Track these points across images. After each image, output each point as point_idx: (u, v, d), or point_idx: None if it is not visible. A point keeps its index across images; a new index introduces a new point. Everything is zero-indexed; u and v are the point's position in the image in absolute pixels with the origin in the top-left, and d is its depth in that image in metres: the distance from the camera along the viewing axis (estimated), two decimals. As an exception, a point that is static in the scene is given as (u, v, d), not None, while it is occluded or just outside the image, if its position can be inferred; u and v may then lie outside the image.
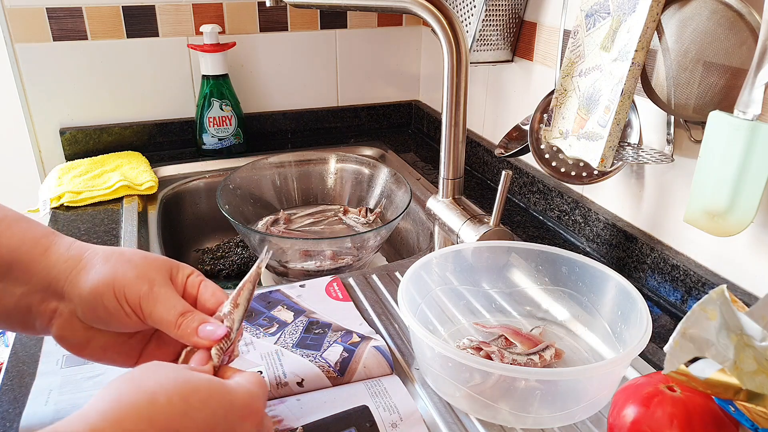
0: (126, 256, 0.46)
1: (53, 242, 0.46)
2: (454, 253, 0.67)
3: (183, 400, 0.37)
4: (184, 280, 0.48)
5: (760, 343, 0.39)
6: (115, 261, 0.45)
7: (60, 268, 0.45)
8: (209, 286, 0.48)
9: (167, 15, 1.13)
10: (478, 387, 0.52)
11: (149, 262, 0.46)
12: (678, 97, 0.62)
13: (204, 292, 0.48)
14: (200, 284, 0.48)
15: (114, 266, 0.45)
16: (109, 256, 0.46)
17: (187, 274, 0.48)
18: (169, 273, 0.47)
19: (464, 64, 0.73)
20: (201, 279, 0.48)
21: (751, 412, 0.40)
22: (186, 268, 0.49)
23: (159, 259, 0.47)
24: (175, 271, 0.48)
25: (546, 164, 0.79)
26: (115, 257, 0.46)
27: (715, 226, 0.59)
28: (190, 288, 0.48)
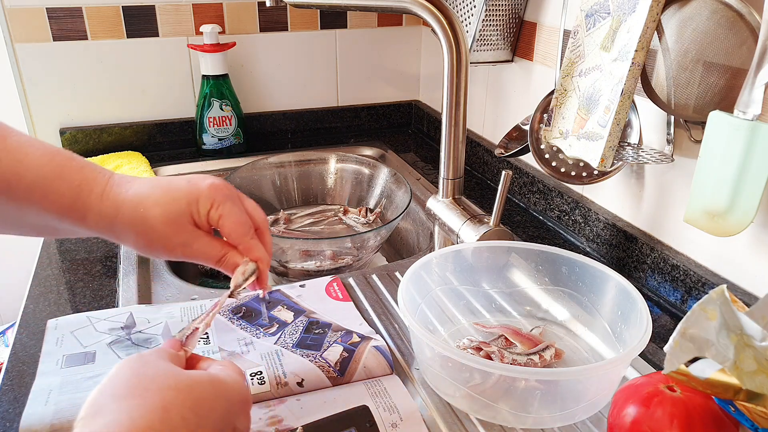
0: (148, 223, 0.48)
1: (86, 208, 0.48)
2: (454, 253, 0.67)
3: (195, 414, 0.38)
4: (206, 218, 0.50)
5: (760, 343, 0.39)
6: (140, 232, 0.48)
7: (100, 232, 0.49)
8: (227, 224, 0.50)
9: (167, 15, 1.13)
10: (478, 387, 0.52)
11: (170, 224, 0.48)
12: (678, 97, 0.62)
13: (223, 231, 0.51)
14: (219, 222, 0.50)
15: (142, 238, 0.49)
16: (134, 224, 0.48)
17: (206, 212, 0.50)
18: (191, 220, 0.49)
19: (464, 64, 0.73)
20: (219, 215, 0.50)
21: (751, 412, 0.40)
22: (204, 206, 0.50)
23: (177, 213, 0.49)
24: (196, 215, 0.50)
25: (546, 164, 0.79)
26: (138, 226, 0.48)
27: (715, 226, 0.59)
28: (213, 223, 0.50)
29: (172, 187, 0.50)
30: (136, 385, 0.38)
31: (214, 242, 0.51)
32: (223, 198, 0.50)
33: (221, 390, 0.40)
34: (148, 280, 0.77)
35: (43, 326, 0.65)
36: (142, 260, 0.80)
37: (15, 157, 0.46)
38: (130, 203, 0.48)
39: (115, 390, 0.38)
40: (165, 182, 0.50)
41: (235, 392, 0.42)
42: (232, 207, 0.50)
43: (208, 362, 0.45)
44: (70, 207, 0.47)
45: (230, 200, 0.50)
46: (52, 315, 0.67)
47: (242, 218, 0.51)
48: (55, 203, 0.47)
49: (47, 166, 0.47)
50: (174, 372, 0.40)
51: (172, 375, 0.40)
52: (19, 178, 0.46)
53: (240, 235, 0.51)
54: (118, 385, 0.38)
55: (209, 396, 0.39)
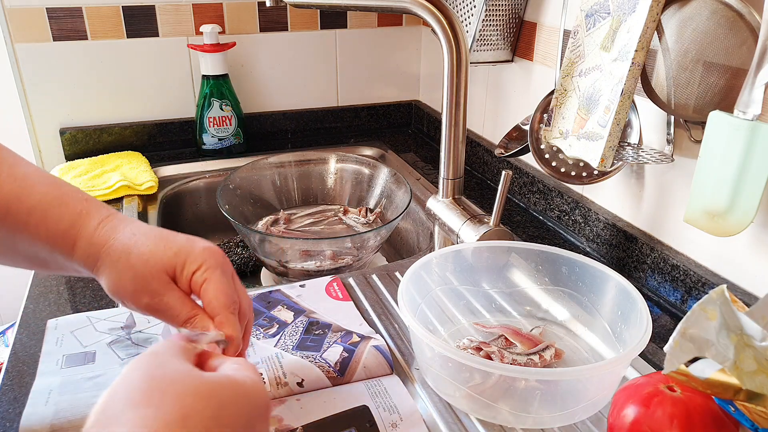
0: (130, 260, 0.46)
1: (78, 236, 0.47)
2: (454, 253, 0.67)
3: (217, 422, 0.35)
4: (189, 277, 0.47)
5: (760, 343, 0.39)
6: (120, 269, 0.47)
7: (85, 264, 0.48)
8: (207, 293, 0.47)
9: (167, 15, 1.13)
10: (478, 387, 0.52)
11: (149, 268, 0.46)
12: (678, 97, 0.62)
13: (204, 296, 0.47)
14: (202, 285, 0.47)
15: (117, 276, 0.47)
16: (116, 261, 0.47)
17: (191, 272, 0.47)
18: (173, 274, 0.47)
19: (464, 64, 0.73)
20: (203, 279, 0.47)
21: (751, 412, 0.40)
22: (192, 263, 0.47)
23: (161, 260, 0.47)
24: (179, 270, 0.47)
25: (546, 164, 0.79)
26: (121, 263, 0.47)
27: (715, 226, 0.59)
28: (195, 286, 0.47)
29: (169, 237, 0.48)
30: (152, 389, 0.35)
31: (186, 300, 0.47)
32: (215, 264, 0.47)
33: (243, 395, 0.38)
34: (148, 280, 0.76)
35: (43, 326, 0.65)
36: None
37: (20, 183, 0.46)
38: (122, 239, 0.47)
39: (129, 395, 0.35)
40: (165, 232, 0.49)
41: (256, 397, 0.39)
42: (221, 276, 0.47)
43: (221, 359, 0.42)
44: (64, 235, 0.47)
45: (221, 269, 0.48)
46: (52, 315, 0.67)
47: (229, 290, 0.47)
48: (51, 230, 0.46)
49: (51, 193, 0.47)
50: (193, 375, 0.37)
51: (190, 378, 0.37)
52: (20, 201, 0.46)
53: (221, 305, 0.46)
54: (131, 390, 0.35)
55: (231, 402, 0.37)
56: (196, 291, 0.47)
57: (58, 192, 0.48)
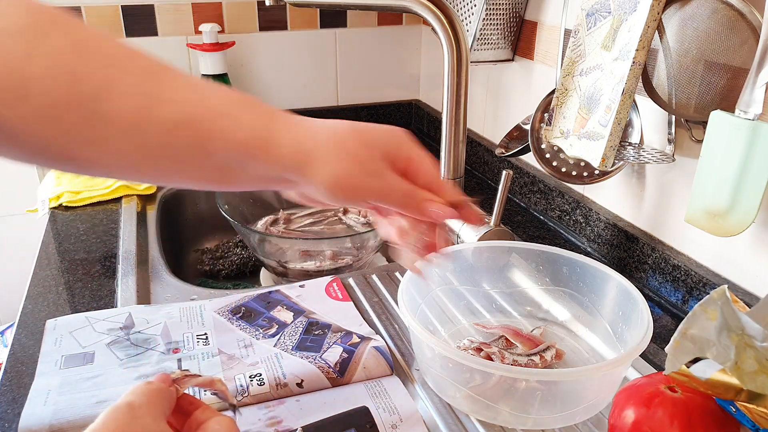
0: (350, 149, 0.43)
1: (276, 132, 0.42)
2: (454, 253, 0.67)
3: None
4: (404, 159, 0.46)
5: (761, 343, 0.39)
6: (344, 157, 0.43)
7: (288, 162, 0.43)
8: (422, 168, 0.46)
9: (166, 14, 1.13)
10: (478, 388, 0.52)
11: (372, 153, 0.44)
12: (679, 96, 0.62)
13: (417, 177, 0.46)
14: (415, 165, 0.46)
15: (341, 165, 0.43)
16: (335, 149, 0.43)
17: (406, 153, 0.46)
18: (391, 157, 0.45)
19: (464, 64, 0.73)
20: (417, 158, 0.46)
21: (752, 412, 0.40)
22: (402, 146, 0.46)
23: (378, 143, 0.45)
24: (394, 152, 0.46)
25: (547, 164, 0.78)
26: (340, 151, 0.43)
27: (716, 226, 0.58)
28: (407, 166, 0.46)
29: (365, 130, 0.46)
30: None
31: (401, 178, 0.45)
32: (414, 146, 0.47)
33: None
34: (147, 280, 0.76)
35: (42, 326, 0.64)
36: (141, 260, 0.80)
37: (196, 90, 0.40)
38: (326, 129, 0.44)
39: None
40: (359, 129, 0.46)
41: None
42: (423, 156, 0.47)
43: (207, 415, 0.40)
44: (256, 132, 0.41)
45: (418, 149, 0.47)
46: (51, 315, 0.67)
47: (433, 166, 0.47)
48: (239, 130, 0.40)
49: (230, 99, 0.41)
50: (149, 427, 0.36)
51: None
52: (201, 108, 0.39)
53: (437, 177, 0.46)
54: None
55: None
56: (417, 164, 0.46)
57: (242, 96, 0.42)
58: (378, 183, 0.44)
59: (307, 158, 0.42)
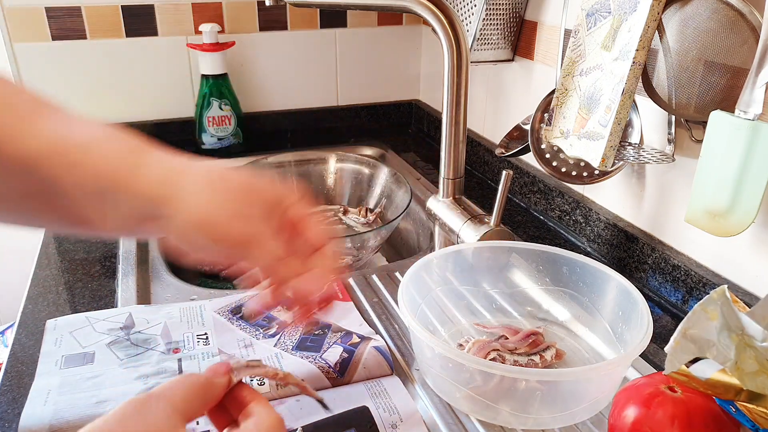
0: (226, 184, 0.40)
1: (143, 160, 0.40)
2: (454, 253, 0.67)
3: None
4: (290, 207, 0.43)
5: (761, 343, 0.39)
6: (215, 189, 0.40)
7: (153, 193, 0.39)
8: (309, 226, 0.43)
9: (166, 14, 1.13)
10: (478, 388, 0.52)
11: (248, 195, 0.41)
12: (679, 96, 0.62)
13: (310, 227, 0.43)
14: (300, 220, 0.43)
15: (211, 200, 0.40)
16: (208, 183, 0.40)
17: (289, 206, 0.43)
18: (272, 205, 0.42)
19: (464, 64, 0.73)
20: (303, 213, 0.43)
21: (752, 412, 0.40)
22: (289, 198, 0.43)
23: (262, 185, 0.42)
24: (277, 202, 0.42)
25: (547, 164, 0.78)
26: (213, 186, 0.40)
27: (716, 226, 0.58)
28: (296, 217, 0.43)
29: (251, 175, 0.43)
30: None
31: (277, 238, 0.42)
32: (306, 201, 0.44)
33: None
34: (147, 280, 0.76)
35: (42, 326, 0.64)
36: (142, 260, 0.80)
37: (63, 123, 0.39)
38: (204, 165, 0.41)
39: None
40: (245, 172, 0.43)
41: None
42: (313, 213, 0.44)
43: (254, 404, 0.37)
44: (122, 161, 0.39)
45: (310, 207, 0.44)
46: (51, 315, 0.67)
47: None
48: (104, 160, 0.38)
49: (100, 131, 0.39)
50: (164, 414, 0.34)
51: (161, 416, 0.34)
52: (66, 141, 0.38)
53: (326, 238, 0.43)
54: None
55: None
56: (297, 222, 0.43)
57: (107, 130, 0.40)
58: (246, 230, 0.40)
59: (174, 191, 0.39)
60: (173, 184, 0.39)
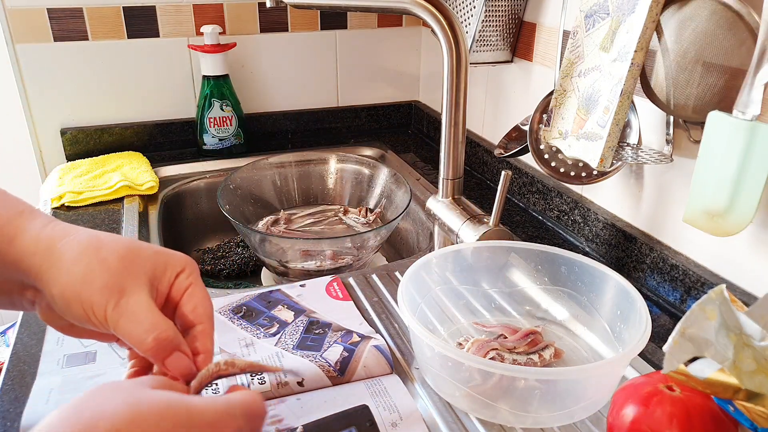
0: (101, 254, 0.40)
1: (20, 229, 0.40)
2: (453, 253, 0.67)
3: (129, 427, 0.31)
4: (171, 281, 0.42)
5: (759, 342, 0.39)
6: (87, 263, 0.39)
7: (29, 262, 0.39)
8: (193, 298, 0.42)
9: (168, 15, 1.13)
10: (477, 387, 0.53)
11: (126, 265, 0.40)
12: (677, 97, 0.63)
13: (186, 304, 0.42)
14: (185, 291, 0.42)
15: (84, 271, 0.39)
16: (81, 253, 0.39)
17: (174, 275, 0.42)
18: (151, 275, 0.41)
19: (464, 65, 0.73)
20: (188, 284, 0.42)
21: (750, 411, 0.40)
22: (175, 266, 0.42)
23: (140, 259, 0.41)
24: (160, 271, 0.41)
25: (545, 164, 0.79)
26: (87, 256, 0.39)
27: (714, 226, 0.59)
28: (175, 293, 0.42)
29: (135, 241, 0.42)
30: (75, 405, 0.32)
31: (155, 307, 0.40)
32: (197, 271, 0.43)
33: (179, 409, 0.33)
34: (149, 280, 0.77)
35: (44, 326, 0.65)
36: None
37: None
38: (84, 234, 0.41)
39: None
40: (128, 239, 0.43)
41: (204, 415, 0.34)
42: (202, 285, 0.43)
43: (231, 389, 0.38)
44: (9, 220, 0.40)
45: (200, 279, 0.43)
46: (53, 315, 0.67)
47: (210, 301, 0.43)
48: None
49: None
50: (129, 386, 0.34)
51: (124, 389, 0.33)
52: None
53: (207, 314, 0.42)
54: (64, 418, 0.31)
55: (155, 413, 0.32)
56: (178, 296, 0.42)
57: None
58: (119, 304, 0.38)
59: (49, 263, 0.38)
60: (48, 255, 0.39)
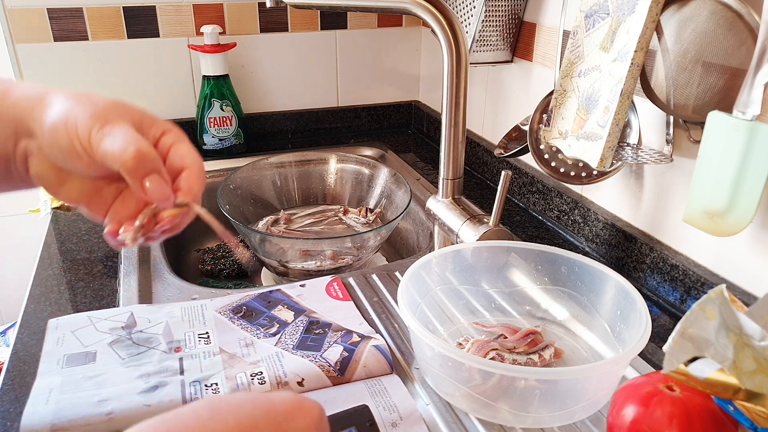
0: (92, 97, 0.42)
1: (12, 84, 0.43)
2: (453, 253, 0.67)
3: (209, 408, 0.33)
4: (156, 137, 0.43)
5: (759, 342, 0.39)
6: (77, 99, 0.41)
7: (23, 106, 0.42)
8: (180, 150, 0.43)
9: (168, 15, 1.13)
10: (477, 387, 0.53)
11: (115, 106, 0.41)
12: (677, 97, 0.63)
13: (173, 156, 0.42)
14: (171, 147, 0.43)
15: (74, 103, 0.41)
16: (72, 95, 0.42)
17: (160, 131, 0.43)
18: (138, 122, 0.42)
19: (464, 65, 0.73)
20: (174, 140, 0.43)
21: (750, 411, 0.40)
22: (162, 125, 0.43)
23: (128, 107, 0.42)
24: (147, 124, 0.42)
25: (545, 164, 0.79)
26: (78, 96, 0.42)
27: (714, 226, 0.59)
28: (161, 148, 0.43)
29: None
30: None
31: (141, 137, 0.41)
32: (183, 134, 0.44)
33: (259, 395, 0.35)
34: (149, 279, 0.77)
35: (44, 326, 0.65)
36: (143, 260, 0.80)
37: None
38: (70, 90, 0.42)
39: None
40: None
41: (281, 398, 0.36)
42: (190, 144, 0.44)
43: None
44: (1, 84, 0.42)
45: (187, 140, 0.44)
46: (53, 315, 0.67)
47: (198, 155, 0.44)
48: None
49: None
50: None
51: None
52: None
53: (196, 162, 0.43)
54: None
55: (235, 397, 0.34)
56: (164, 151, 0.43)
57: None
58: (103, 128, 0.40)
59: (43, 98, 0.41)
60: (41, 99, 0.41)
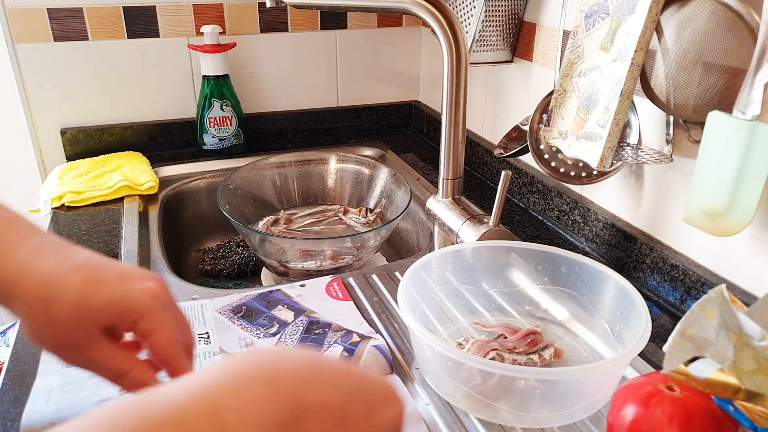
0: (52, 310, 0.40)
1: None
2: (453, 253, 0.67)
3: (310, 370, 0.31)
4: (131, 329, 0.43)
5: (759, 342, 0.39)
6: (38, 321, 0.41)
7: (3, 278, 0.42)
8: (158, 340, 0.43)
9: (168, 15, 1.13)
10: (477, 387, 0.53)
11: (77, 321, 0.41)
12: (677, 97, 0.63)
13: (153, 347, 0.43)
14: (149, 337, 0.43)
15: (37, 327, 0.41)
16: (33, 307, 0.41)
17: (134, 323, 0.42)
18: (105, 328, 0.42)
19: (464, 65, 0.73)
20: (150, 329, 0.42)
21: (750, 411, 0.40)
22: (131, 313, 0.42)
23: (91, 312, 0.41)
24: (115, 322, 0.42)
25: (545, 164, 0.79)
26: (38, 314, 0.41)
27: (714, 226, 0.59)
28: (139, 337, 0.43)
29: (100, 277, 0.42)
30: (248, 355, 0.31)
31: (117, 353, 0.42)
32: (157, 307, 0.43)
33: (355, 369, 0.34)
34: (149, 280, 0.77)
35: (44, 326, 0.65)
36: (143, 260, 0.80)
37: None
38: (39, 276, 0.41)
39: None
40: (95, 265, 0.43)
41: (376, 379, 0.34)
42: (166, 321, 0.43)
43: None
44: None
45: (167, 310, 0.43)
46: (53, 315, 0.67)
47: (177, 333, 0.43)
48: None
49: None
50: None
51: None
52: None
53: (171, 356, 0.42)
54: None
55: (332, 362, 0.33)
56: (142, 341, 0.43)
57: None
58: (82, 356, 0.42)
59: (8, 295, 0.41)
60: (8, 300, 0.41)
